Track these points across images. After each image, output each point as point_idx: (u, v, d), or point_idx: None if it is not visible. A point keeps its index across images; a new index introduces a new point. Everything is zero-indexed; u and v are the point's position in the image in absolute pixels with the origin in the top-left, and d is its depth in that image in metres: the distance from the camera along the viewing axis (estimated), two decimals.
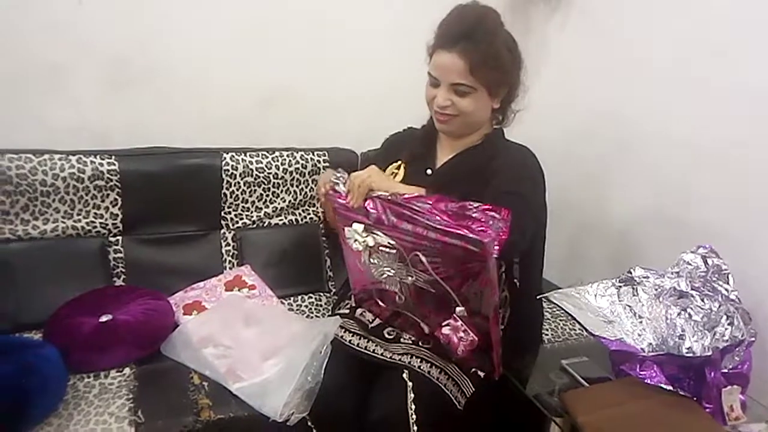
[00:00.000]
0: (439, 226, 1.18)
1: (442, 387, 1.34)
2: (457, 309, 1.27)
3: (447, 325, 1.29)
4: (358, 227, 1.33)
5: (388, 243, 1.29)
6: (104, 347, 1.50)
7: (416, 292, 1.34)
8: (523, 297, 1.54)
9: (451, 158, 1.53)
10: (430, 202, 1.21)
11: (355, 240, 1.34)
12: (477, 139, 1.53)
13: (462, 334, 1.27)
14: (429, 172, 1.52)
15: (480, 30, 1.38)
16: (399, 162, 1.54)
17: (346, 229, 1.37)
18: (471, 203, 1.19)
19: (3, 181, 1.63)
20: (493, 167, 1.45)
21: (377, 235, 1.31)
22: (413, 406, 1.29)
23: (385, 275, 1.36)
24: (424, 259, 1.24)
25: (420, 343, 1.43)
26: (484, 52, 1.37)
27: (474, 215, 1.17)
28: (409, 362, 1.37)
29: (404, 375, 1.34)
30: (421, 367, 1.35)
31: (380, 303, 1.46)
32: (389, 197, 1.27)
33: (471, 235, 1.13)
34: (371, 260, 1.36)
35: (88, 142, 1.84)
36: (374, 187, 1.31)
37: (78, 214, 1.75)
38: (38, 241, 1.70)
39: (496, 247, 1.13)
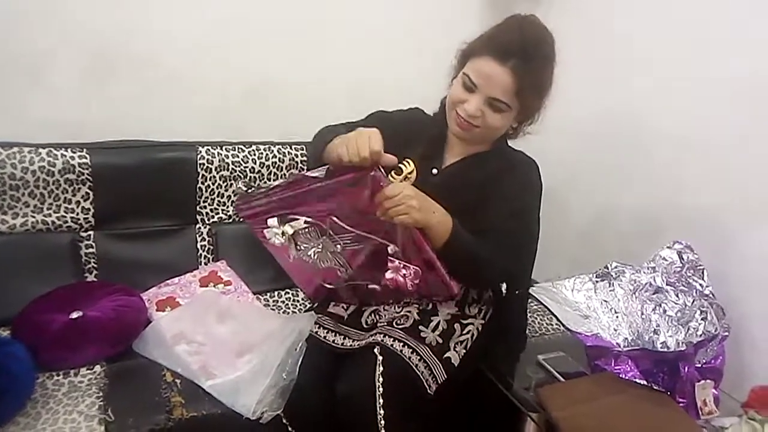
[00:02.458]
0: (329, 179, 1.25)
1: (413, 366, 1.33)
2: (389, 248, 1.29)
3: (387, 269, 1.31)
4: (272, 221, 1.35)
5: (304, 221, 1.32)
6: (74, 344, 1.47)
7: (350, 256, 1.36)
8: (506, 297, 1.54)
9: (458, 161, 1.48)
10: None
11: (275, 235, 1.35)
12: (485, 146, 1.48)
13: (404, 271, 1.29)
14: (435, 171, 1.47)
15: (539, 52, 1.32)
16: (412, 168, 1.46)
17: (264, 231, 1.38)
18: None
19: None
20: (499, 183, 1.42)
21: (292, 219, 1.34)
22: (381, 379, 1.28)
23: (315, 255, 1.38)
24: (338, 220, 1.28)
25: (395, 324, 1.42)
26: (535, 77, 1.31)
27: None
28: (382, 340, 1.36)
29: (375, 350, 1.33)
30: (394, 346, 1.34)
31: (327, 285, 1.47)
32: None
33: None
34: (298, 246, 1.37)
35: (63, 134, 1.79)
36: (414, 219, 1.22)
37: (48, 209, 1.71)
38: (7, 236, 1.66)
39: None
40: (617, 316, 1.55)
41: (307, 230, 1.35)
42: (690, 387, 1.38)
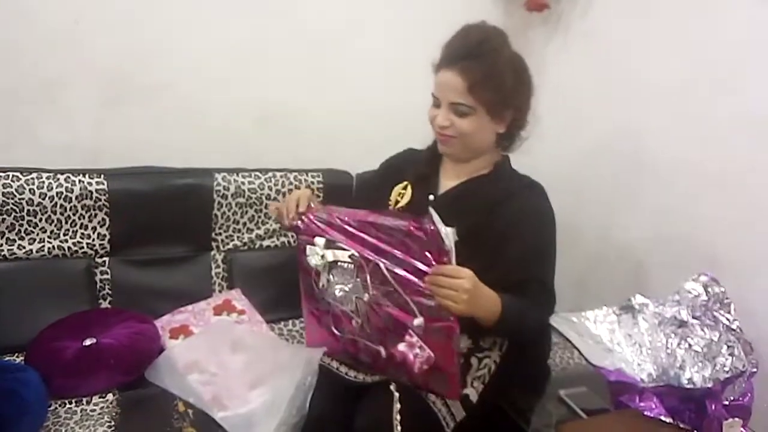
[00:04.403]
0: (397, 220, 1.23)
1: (430, 403, 1.30)
2: (415, 321, 1.23)
3: (403, 341, 1.26)
4: (320, 241, 1.33)
5: (349, 256, 1.29)
6: (87, 372, 1.46)
7: (372, 310, 1.31)
8: None
9: (456, 186, 1.46)
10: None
11: (315, 254, 1.33)
12: (483, 168, 1.46)
13: (418, 351, 1.25)
14: (431, 197, 1.45)
15: (483, 48, 1.33)
16: (405, 183, 1.49)
17: (307, 247, 1.36)
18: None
19: None
20: (505, 216, 1.39)
21: (338, 248, 1.31)
22: (398, 417, 1.25)
23: (341, 293, 1.35)
24: (382, 266, 1.24)
25: None
26: (485, 70, 1.31)
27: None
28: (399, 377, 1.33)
29: (391, 387, 1.31)
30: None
31: (334, 330, 1.42)
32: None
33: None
34: (328, 277, 1.35)
35: (80, 160, 1.81)
36: (458, 311, 1.16)
37: (65, 234, 1.71)
38: (23, 261, 1.67)
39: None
40: (641, 351, 1.50)
41: (346, 265, 1.30)
42: (717, 425, 1.33)
